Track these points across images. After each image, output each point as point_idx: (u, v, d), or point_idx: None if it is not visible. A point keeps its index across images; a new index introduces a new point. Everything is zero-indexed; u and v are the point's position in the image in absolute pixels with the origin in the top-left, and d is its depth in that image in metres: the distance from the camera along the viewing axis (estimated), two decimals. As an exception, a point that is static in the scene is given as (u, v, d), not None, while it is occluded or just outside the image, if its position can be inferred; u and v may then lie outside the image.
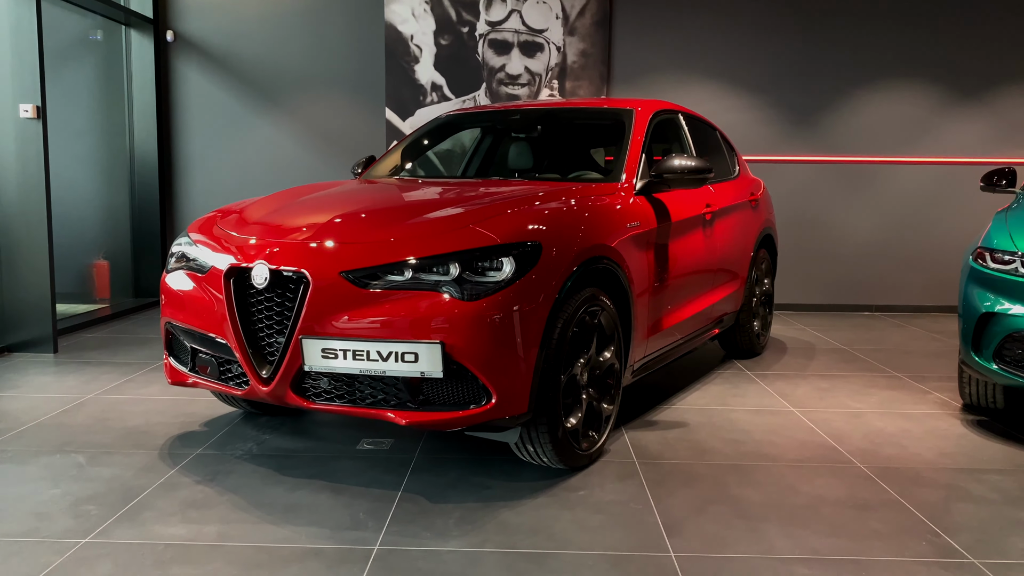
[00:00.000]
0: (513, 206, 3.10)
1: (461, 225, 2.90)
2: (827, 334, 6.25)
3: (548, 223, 2.99)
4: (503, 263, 2.79)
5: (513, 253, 2.81)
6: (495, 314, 2.72)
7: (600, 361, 3.26)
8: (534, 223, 2.96)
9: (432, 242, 2.82)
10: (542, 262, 2.86)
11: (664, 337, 3.90)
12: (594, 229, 3.20)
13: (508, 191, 3.40)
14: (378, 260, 2.79)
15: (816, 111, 7.24)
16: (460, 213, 3.02)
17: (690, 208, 4.11)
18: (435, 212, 3.07)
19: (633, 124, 4.00)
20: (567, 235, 3.02)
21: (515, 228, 2.89)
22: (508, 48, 7.19)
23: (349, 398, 2.85)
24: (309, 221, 3.10)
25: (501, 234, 2.85)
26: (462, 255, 2.77)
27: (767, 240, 5.46)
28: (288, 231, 3.04)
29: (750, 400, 4.25)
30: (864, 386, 4.59)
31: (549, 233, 2.95)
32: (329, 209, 3.23)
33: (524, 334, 2.78)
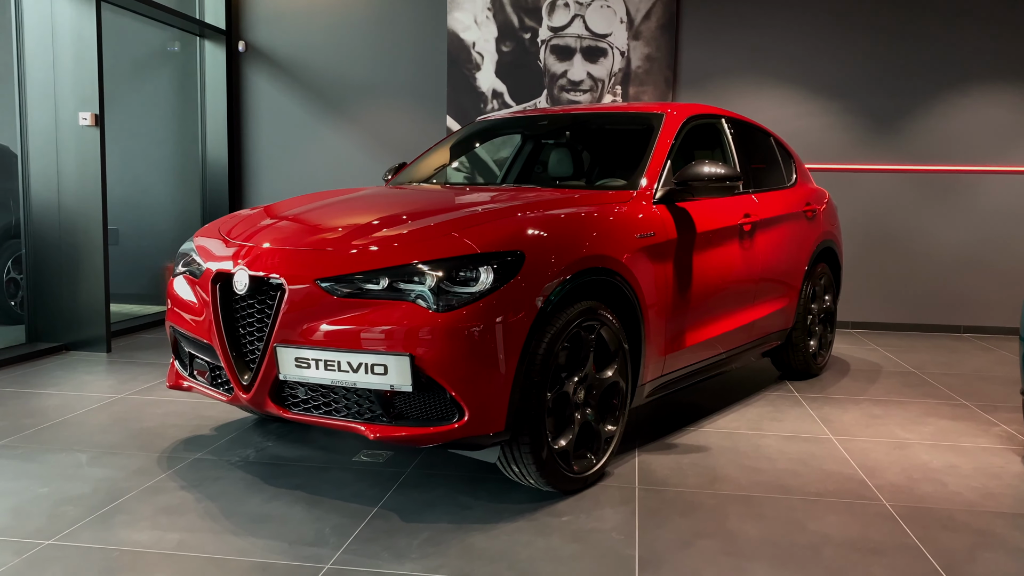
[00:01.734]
0: (503, 214, 2.96)
1: (442, 233, 2.79)
2: (900, 355, 5.81)
3: (534, 232, 2.84)
4: (480, 273, 2.66)
5: (492, 263, 2.67)
6: (469, 326, 2.59)
7: (600, 379, 3.08)
8: (518, 232, 2.81)
9: (409, 250, 2.72)
10: (524, 272, 2.71)
11: (687, 355, 3.67)
12: (593, 239, 3.02)
13: (508, 198, 3.27)
14: (353, 268, 2.71)
15: (899, 116, 6.78)
16: (444, 221, 2.90)
17: (722, 218, 3.86)
18: (422, 220, 2.97)
19: (660, 129, 3.80)
20: (556, 245, 2.86)
21: (496, 237, 2.76)
22: (570, 54, 7.05)
23: (325, 409, 2.77)
24: (296, 228, 3.05)
25: (481, 243, 2.72)
26: (437, 264, 2.65)
27: (827, 253, 5.11)
28: (273, 237, 3.00)
29: (787, 425, 3.95)
30: (921, 414, 4.21)
31: (534, 242, 2.79)
32: (320, 217, 3.18)
33: (501, 348, 2.64)
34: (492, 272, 2.66)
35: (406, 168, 4.41)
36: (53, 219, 5.32)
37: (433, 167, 4.36)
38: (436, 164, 4.38)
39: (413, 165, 4.40)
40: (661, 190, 3.54)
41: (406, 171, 4.37)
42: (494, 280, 2.65)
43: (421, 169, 4.34)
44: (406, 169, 4.40)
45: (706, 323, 3.78)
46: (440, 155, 4.42)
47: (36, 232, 5.36)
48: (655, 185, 3.54)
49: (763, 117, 6.79)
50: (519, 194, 3.39)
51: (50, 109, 5.24)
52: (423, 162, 4.39)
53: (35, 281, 5.41)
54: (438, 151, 4.45)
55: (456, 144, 4.47)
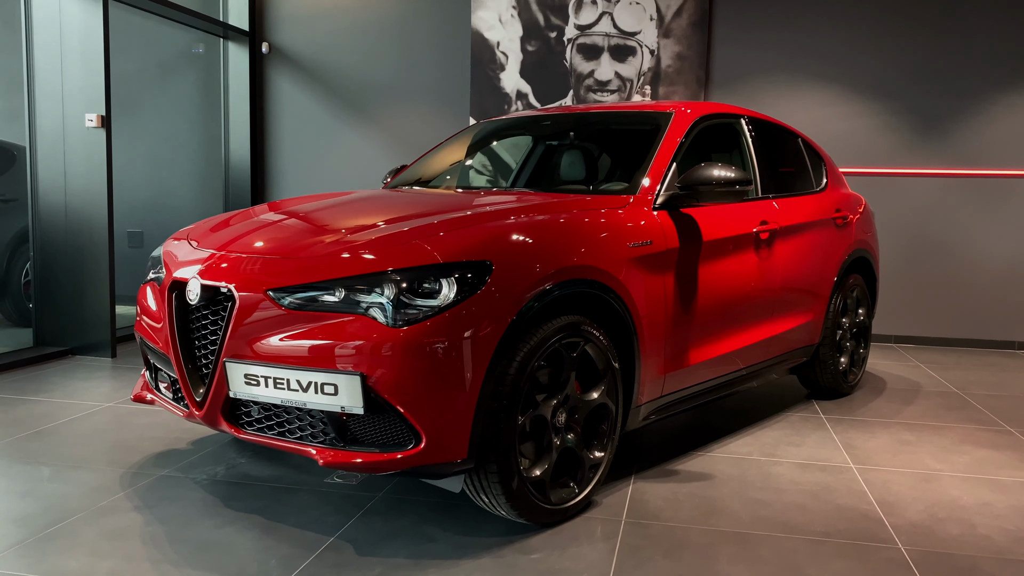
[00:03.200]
0: (474, 221, 2.72)
1: (404, 241, 2.56)
2: (943, 373, 5.39)
3: (505, 240, 2.60)
4: (442, 285, 2.43)
5: (454, 274, 2.44)
6: (427, 343, 2.36)
7: (585, 401, 2.82)
8: (486, 240, 2.57)
9: (366, 259, 2.50)
10: (492, 284, 2.47)
11: (692, 374, 3.38)
12: (576, 248, 2.76)
13: (490, 204, 3.03)
14: (305, 278, 2.50)
15: (947, 117, 6.34)
16: (412, 228, 2.67)
17: (734, 226, 3.56)
18: (391, 227, 2.74)
19: (667, 129, 3.52)
20: (531, 254, 2.61)
21: (462, 245, 2.52)
22: (598, 53, 6.77)
23: (279, 429, 2.57)
24: (256, 234, 2.86)
25: (444, 252, 2.48)
26: (394, 274, 2.43)
27: (860, 264, 4.75)
28: (231, 244, 2.81)
29: (804, 451, 3.63)
30: (958, 441, 3.84)
31: (504, 252, 2.55)
32: (285, 223, 2.98)
33: (463, 367, 2.40)
34: (454, 284, 2.42)
35: (404, 171, 4.20)
36: (60, 222, 5.26)
37: (432, 170, 4.14)
38: (435, 167, 4.16)
39: (412, 168, 4.19)
40: (663, 195, 3.27)
41: (404, 174, 4.16)
42: (457, 293, 2.42)
43: (419, 172, 4.12)
44: (404, 172, 4.19)
45: (714, 339, 3.48)
46: (440, 158, 4.20)
47: (43, 235, 5.30)
48: (657, 189, 3.27)
49: (800, 118, 6.43)
50: (506, 199, 3.15)
51: (58, 110, 5.17)
52: (422, 165, 4.18)
53: (42, 284, 5.35)
54: (438, 154, 4.23)
55: (457, 147, 4.25)
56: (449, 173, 4.10)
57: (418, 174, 4.10)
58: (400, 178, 4.13)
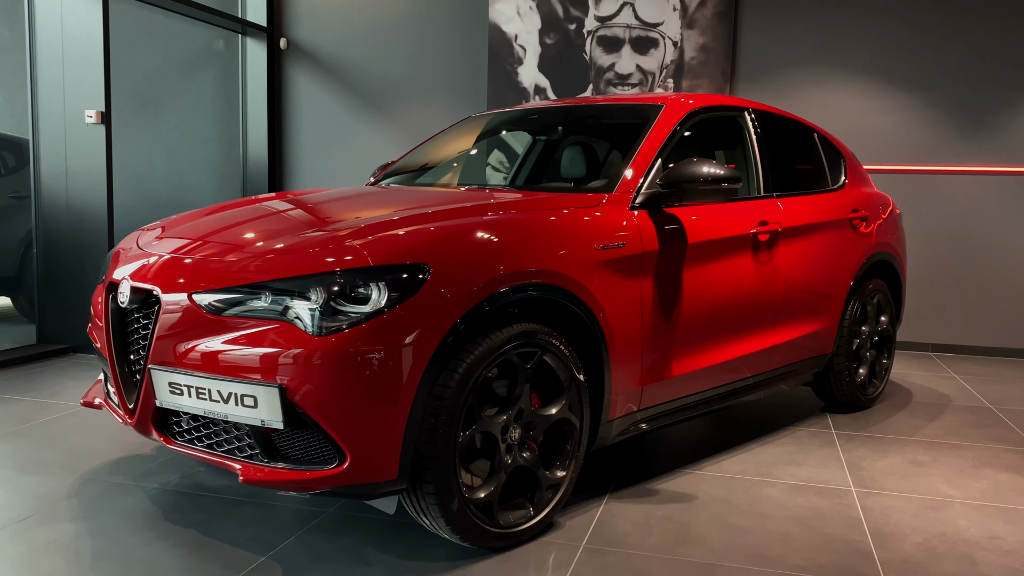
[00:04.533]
0: (415, 221, 2.52)
1: (336, 243, 2.38)
2: (979, 386, 5.02)
3: (446, 241, 2.39)
4: (372, 289, 2.24)
5: (385, 278, 2.25)
6: (352, 353, 2.18)
7: (543, 416, 2.60)
8: (424, 241, 2.37)
9: (294, 261, 2.33)
10: (429, 289, 2.27)
11: (675, 387, 3.13)
12: (532, 250, 2.55)
13: (446, 201, 2.82)
14: (230, 281, 2.34)
15: (990, 111, 5.92)
16: (348, 230, 2.48)
17: (726, 227, 3.30)
18: (330, 227, 2.57)
19: (654, 123, 3.27)
20: (476, 257, 2.40)
21: (396, 247, 2.33)
22: (618, 45, 6.52)
23: (207, 441, 2.42)
24: (194, 235, 2.71)
25: (376, 254, 2.29)
26: (319, 279, 2.25)
27: (882, 267, 4.42)
28: (166, 245, 2.67)
29: (804, 471, 3.35)
30: (978, 463, 3.51)
31: (445, 254, 2.35)
32: (227, 223, 2.83)
33: (392, 380, 2.21)
34: (385, 289, 2.24)
35: (390, 167, 4.03)
36: (63, 218, 5.23)
37: (416, 166, 3.96)
38: (420, 163, 3.97)
39: (398, 163, 4.02)
40: (644, 193, 3.03)
41: (389, 170, 3.99)
42: (388, 298, 2.23)
43: (403, 168, 3.95)
44: (390, 167, 4.02)
45: (703, 349, 3.23)
46: (427, 153, 4.02)
47: (46, 232, 5.28)
48: (638, 187, 3.03)
49: (832, 113, 6.08)
50: (468, 197, 2.95)
51: (59, 107, 5.14)
52: (407, 161, 4.00)
53: (45, 281, 5.33)
54: (426, 149, 4.05)
55: (445, 142, 4.06)
56: (434, 169, 3.92)
57: (402, 170, 3.92)
58: (384, 174, 3.96)
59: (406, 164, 3.96)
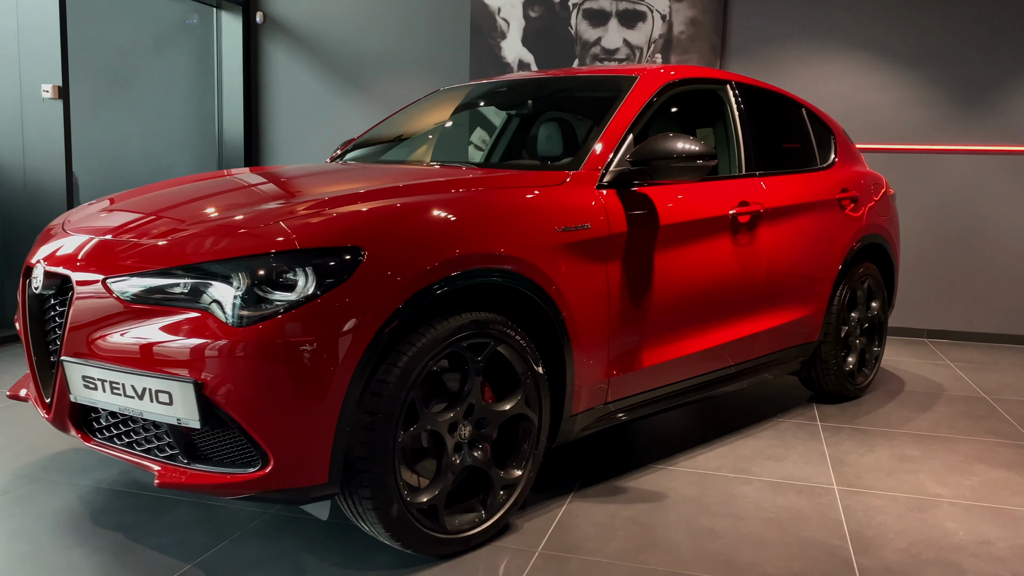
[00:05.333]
0: (351, 200, 2.31)
1: (266, 223, 2.17)
2: (974, 374, 4.82)
3: (383, 222, 2.18)
4: (298, 275, 2.03)
5: (314, 262, 2.04)
6: (275, 345, 1.97)
7: (496, 411, 2.40)
8: (358, 222, 2.16)
9: (218, 245, 2.12)
10: (362, 275, 2.06)
11: (647, 377, 2.93)
12: (482, 232, 2.34)
13: (391, 179, 2.61)
14: (149, 264, 2.13)
15: (992, 88, 5.68)
16: (280, 209, 2.27)
17: (702, 207, 3.09)
18: (264, 206, 2.35)
19: (626, 96, 3.05)
20: (418, 239, 2.19)
21: (326, 228, 2.12)
22: (605, 18, 6.27)
23: (127, 440, 2.22)
24: (117, 216, 2.50)
25: (305, 235, 2.09)
26: (240, 263, 2.04)
27: (873, 251, 4.21)
28: (85, 226, 2.46)
29: (785, 466, 3.16)
30: (970, 458, 3.32)
31: (381, 236, 2.14)
32: (156, 203, 2.61)
33: (321, 374, 2.01)
34: (313, 274, 2.03)
35: (351, 143, 3.81)
36: (19, 197, 5.02)
37: (381, 142, 3.74)
38: (383, 139, 3.75)
39: (361, 139, 3.80)
40: (612, 171, 2.81)
41: (351, 146, 3.77)
42: (316, 285, 2.02)
43: (368, 143, 3.73)
44: (351, 144, 3.80)
45: (677, 338, 3.03)
46: (391, 128, 3.80)
47: (3, 212, 5.07)
48: (605, 165, 2.81)
49: (826, 89, 5.85)
50: (418, 175, 2.73)
51: (14, 81, 4.91)
52: (371, 136, 3.78)
53: (3, 264, 5.12)
54: (390, 124, 3.82)
55: (410, 117, 3.83)
56: (399, 146, 3.70)
57: (367, 144, 3.71)
58: (345, 151, 3.74)
59: (369, 140, 3.74)
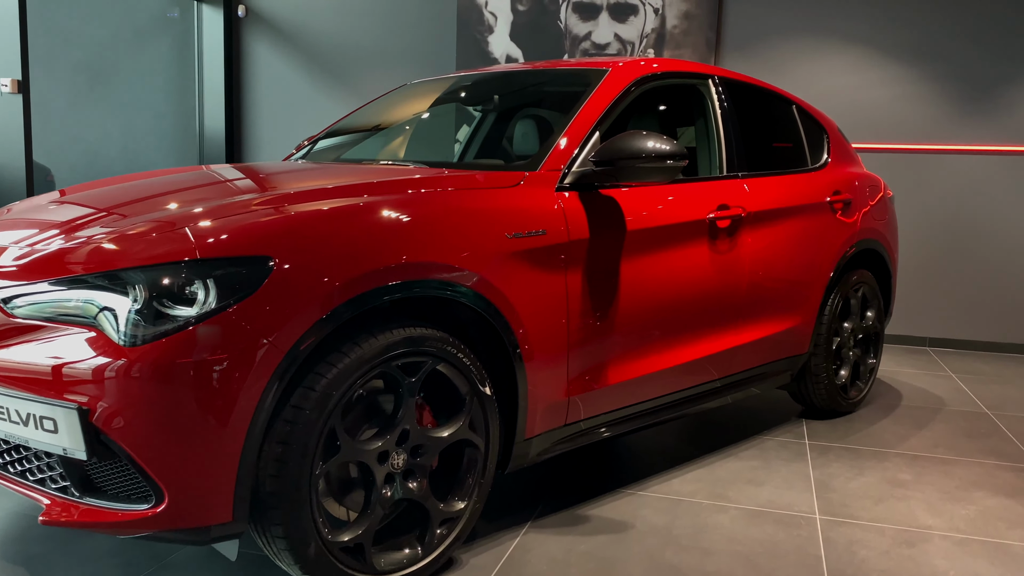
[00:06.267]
0: (269, 204, 2.08)
1: (169, 229, 1.95)
2: (977, 387, 4.56)
3: (299, 228, 1.95)
4: (199, 287, 1.81)
5: (216, 273, 1.82)
6: (170, 367, 1.75)
7: (434, 438, 2.18)
8: (269, 228, 1.93)
9: (108, 253, 1.90)
10: (272, 288, 1.84)
11: (614, 395, 2.70)
12: (419, 239, 2.11)
13: (329, 179, 2.39)
14: (35, 276, 1.91)
15: (998, 85, 5.42)
16: (188, 213, 2.05)
17: (676, 211, 2.85)
18: (178, 210, 2.13)
19: (593, 91, 2.81)
20: (339, 247, 1.97)
21: (232, 235, 1.89)
22: (595, 12, 6.03)
23: (17, 468, 2.00)
24: (26, 221, 2.29)
25: (207, 243, 1.86)
26: (131, 274, 1.82)
27: (868, 257, 3.96)
28: (7, 229, 2.24)
29: (765, 492, 2.92)
30: (968, 484, 3.07)
31: (296, 243, 1.91)
32: (72, 206, 2.41)
33: (224, 400, 1.78)
34: (214, 286, 1.81)
35: (311, 140, 3.59)
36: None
37: (340, 139, 3.51)
38: (344, 135, 3.53)
39: (320, 136, 3.57)
40: (575, 172, 2.58)
41: (310, 144, 3.54)
42: (219, 298, 1.80)
43: (329, 139, 3.50)
44: (311, 141, 3.57)
45: (648, 352, 2.79)
46: (354, 124, 3.57)
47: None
48: (567, 165, 2.58)
49: (824, 86, 5.60)
50: (359, 174, 2.51)
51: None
52: (331, 133, 3.56)
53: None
54: (354, 119, 3.60)
55: (373, 112, 3.61)
56: (358, 143, 3.47)
57: (326, 142, 3.48)
58: (307, 147, 3.52)
59: (331, 135, 3.52)
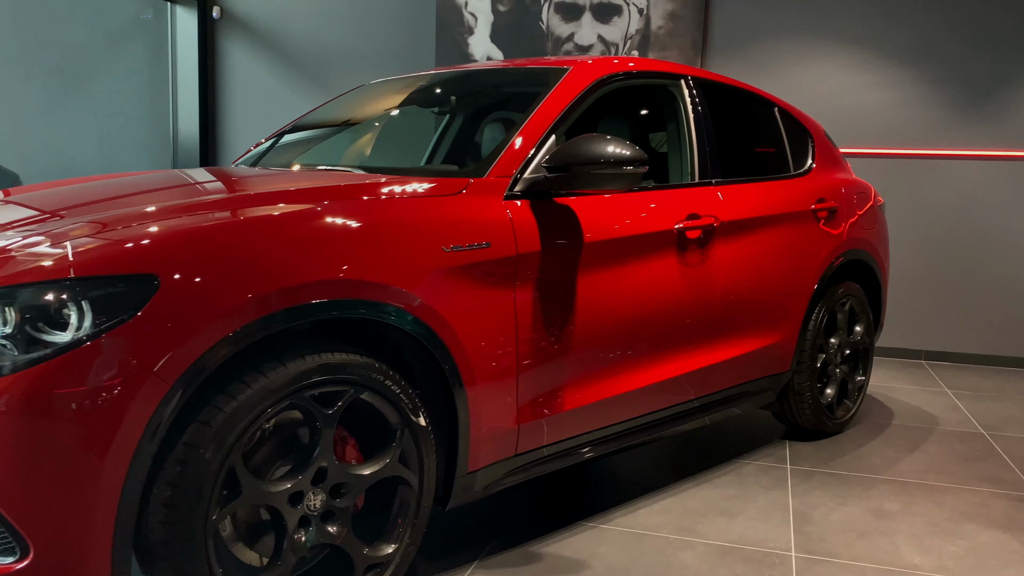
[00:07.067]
0: (161, 215, 1.87)
1: (56, 242, 1.72)
2: (974, 404, 4.33)
3: (197, 243, 1.73)
4: (72, 310, 1.59)
5: (92, 294, 1.60)
6: (34, 401, 1.53)
7: (357, 476, 1.96)
8: (155, 243, 1.71)
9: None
10: (157, 310, 1.62)
11: (570, 422, 2.48)
12: (339, 253, 1.89)
13: (247, 186, 2.18)
14: None
15: (998, 88, 5.19)
16: (71, 227, 1.83)
17: (640, 221, 2.63)
18: (66, 222, 1.92)
19: (550, 92, 2.60)
20: (240, 263, 1.75)
21: (112, 252, 1.67)
22: (578, 12, 5.82)
23: None
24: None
25: (83, 261, 1.64)
26: (3, 294, 1.60)
27: (856, 268, 3.75)
28: None
29: (738, 525, 2.69)
30: (960, 515, 2.84)
31: (190, 259, 1.69)
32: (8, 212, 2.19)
33: (99, 439, 1.57)
34: (89, 309, 1.59)
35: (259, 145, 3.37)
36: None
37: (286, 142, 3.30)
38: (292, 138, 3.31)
39: (268, 140, 3.36)
40: (526, 179, 2.36)
41: (258, 148, 3.33)
42: (94, 322, 1.58)
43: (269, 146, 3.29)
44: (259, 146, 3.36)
45: (609, 374, 2.57)
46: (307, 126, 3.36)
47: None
48: (518, 171, 2.36)
49: (815, 89, 5.39)
50: (287, 181, 2.30)
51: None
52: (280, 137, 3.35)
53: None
54: (306, 121, 3.39)
55: (327, 114, 3.40)
56: (306, 147, 3.26)
57: (266, 149, 3.27)
58: (255, 153, 3.30)
59: (282, 138, 3.31)
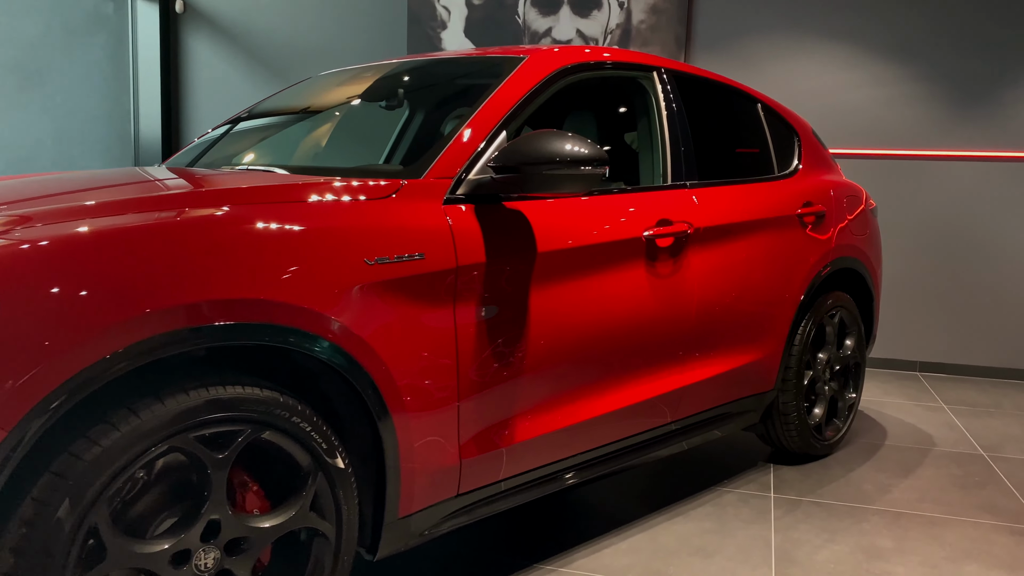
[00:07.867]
0: (42, 219, 1.58)
1: None
2: (972, 420, 4.07)
3: (40, 259, 1.44)
4: None
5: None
6: None
7: (260, 529, 1.67)
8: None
9: None
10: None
11: (522, 455, 2.20)
12: (233, 269, 1.60)
13: (150, 190, 1.89)
14: None
15: (994, 86, 4.94)
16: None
17: (603, 228, 2.36)
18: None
19: (501, 84, 2.32)
20: (106, 282, 1.46)
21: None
22: (556, 6, 5.55)
23: None
24: None
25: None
26: None
27: (846, 277, 3.48)
28: None
29: (713, 566, 2.41)
30: (958, 553, 2.57)
31: (27, 280, 1.40)
32: None
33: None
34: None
35: (195, 143, 3.08)
36: None
37: (223, 140, 3.01)
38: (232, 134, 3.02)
39: (205, 137, 3.07)
40: (470, 181, 2.08)
41: (191, 146, 3.04)
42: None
43: (205, 144, 3.00)
44: (195, 144, 3.07)
45: (566, 400, 2.29)
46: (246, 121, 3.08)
47: None
48: (461, 171, 2.08)
49: (803, 87, 5.12)
50: (194, 182, 2.02)
51: None
52: (216, 133, 3.06)
53: None
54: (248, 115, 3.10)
55: (270, 107, 3.11)
56: (242, 143, 2.97)
57: (203, 147, 2.98)
58: (191, 151, 3.01)
59: (220, 134, 3.02)
